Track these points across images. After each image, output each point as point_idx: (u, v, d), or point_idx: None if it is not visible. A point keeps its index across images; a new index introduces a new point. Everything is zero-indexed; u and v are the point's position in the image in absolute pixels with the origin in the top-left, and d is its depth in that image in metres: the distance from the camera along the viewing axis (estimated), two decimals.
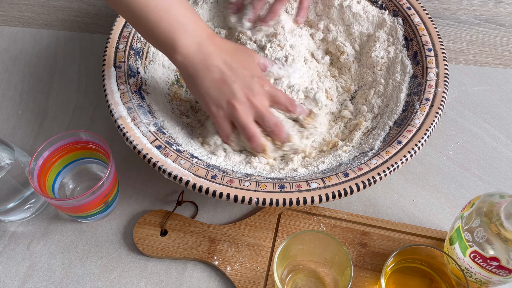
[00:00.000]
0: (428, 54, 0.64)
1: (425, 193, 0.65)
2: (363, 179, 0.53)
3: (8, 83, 0.76)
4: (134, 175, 0.66)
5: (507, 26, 0.82)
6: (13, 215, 0.61)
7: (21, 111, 0.73)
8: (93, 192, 0.55)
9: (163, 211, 0.62)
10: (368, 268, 0.58)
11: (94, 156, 0.61)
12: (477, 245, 0.48)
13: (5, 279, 0.58)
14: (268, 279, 0.57)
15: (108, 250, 0.60)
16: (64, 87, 0.75)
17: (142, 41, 0.67)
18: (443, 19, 0.83)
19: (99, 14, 0.85)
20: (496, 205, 0.48)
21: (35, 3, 0.86)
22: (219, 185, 0.53)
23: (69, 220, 0.63)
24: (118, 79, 0.62)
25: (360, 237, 0.60)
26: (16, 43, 0.81)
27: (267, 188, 0.53)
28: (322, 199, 0.52)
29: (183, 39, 0.55)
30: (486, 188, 0.65)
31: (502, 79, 0.76)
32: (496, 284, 0.51)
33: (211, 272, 0.59)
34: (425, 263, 0.55)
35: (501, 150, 0.69)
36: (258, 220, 0.61)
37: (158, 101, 0.63)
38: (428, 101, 0.60)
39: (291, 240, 0.52)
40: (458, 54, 0.79)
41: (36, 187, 0.55)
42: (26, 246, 0.61)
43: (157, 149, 0.56)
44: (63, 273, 0.59)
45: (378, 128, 0.61)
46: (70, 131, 0.59)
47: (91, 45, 0.80)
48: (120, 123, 0.58)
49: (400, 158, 0.55)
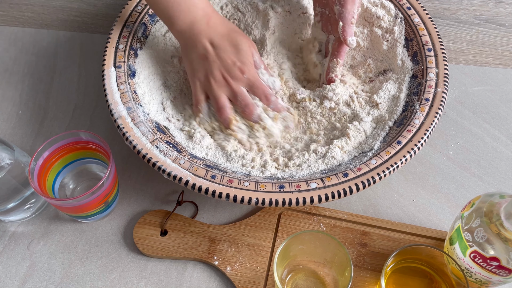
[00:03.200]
0: (428, 54, 0.64)
1: (425, 193, 0.65)
2: (363, 179, 0.53)
3: (8, 83, 0.76)
4: (134, 175, 0.66)
5: (507, 26, 0.82)
6: (13, 215, 0.61)
7: (21, 111, 0.73)
8: (93, 192, 0.55)
9: (163, 211, 0.62)
10: (368, 268, 0.58)
11: (94, 156, 0.61)
12: (477, 245, 0.48)
13: (5, 279, 0.58)
14: (268, 279, 0.57)
15: (108, 250, 0.60)
16: (64, 87, 0.75)
17: (142, 41, 0.67)
18: (443, 19, 0.83)
19: (99, 14, 0.85)
20: (496, 205, 0.48)
21: (35, 3, 0.86)
22: (218, 185, 0.53)
23: (69, 220, 0.63)
24: (118, 79, 0.62)
25: (360, 237, 0.60)
26: (16, 43, 0.81)
27: (266, 188, 0.53)
28: (322, 199, 0.52)
29: (178, 17, 0.61)
30: (486, 188, 0.65)
31: (502, 79, 0.76)
32: (496, 284, 0.51)
33: (211, 272, 0.59)
34: (425, 263, 0.55)
35: (501, 150, 0.69)
36: (258, 220, 0.61)
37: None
38: (428, 102, 0.60)
39: (291, 240, 0.52)
40: (458, 54, 0.79)
41: (36, 187, 0.55)
42: (26, 246, 0.61)
43: (156, 149, 0.56)
44: (63, 273, 0.59)
45: (378, 128, 0.61)
46: (70, 131, 0.59)
47: (91, 45, 0.80)
48: (120, 123, 0.58)
49: (400, 158, 0.55)
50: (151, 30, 0.69)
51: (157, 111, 0.62)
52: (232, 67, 0.60)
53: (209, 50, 0.60)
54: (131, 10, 0.68)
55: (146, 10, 0.69)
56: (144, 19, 0.69)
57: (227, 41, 0.61)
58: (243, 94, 0.60)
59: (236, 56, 0.60)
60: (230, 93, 0.60)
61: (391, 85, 0.64)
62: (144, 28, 0.68)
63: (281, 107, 0.62)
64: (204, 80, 0.61)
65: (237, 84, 0.60)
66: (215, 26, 0.61)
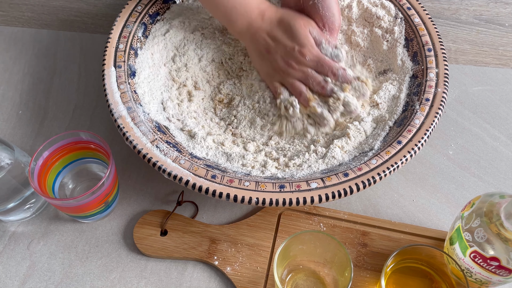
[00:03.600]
0: (428, 54, 0.64)
1: (425, 193, 0.65)
2: (363, 179, 0.53)
3: (8, 83, 0.76)
4: (134, 175, 0.66)
5: (507, 26, 0.82)
6: (13, 215, 0.61)
7: (21, 111, 0.73)
8: (93, 192, 0.54)
9: (163, 211, 0.62)
10: (368, 268, 0.58)
11: (94, 156, 0.61)
12: (477, 245, 0.48)
13: (5, 279, 0.58)
14: (268, 279, 0.57)
15: (108, 250, 0.60)
16: (64, 87, 0.75)
17: (142, 41, 0.67)
18: (443, 19, 0.83)
19: (99, 14, 0.85)
20: (496, 205, 0.48)
21: (35, 3, 0.86)
22: (218, 185, 0.53)
23: (69, 220, 0.63)
24: (118, 79, 0.62)
25: (360, 237, 0.60)
26: (16, 43, 0.81)
27: (267, 188, 0.53)
28: (322, 199, 0.52)
29: (235, 21, 0.64)
30: (486, 188, 0.65)
31: (502, 79, 0.76)
32: (496, 284, 0.51)
33: (211, 272, 0.59)
34: (425, 263, 0.55)
35: (501, 150, 0.69)
36: (258, 220, 0.61)
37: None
38: (428, 102, 0.60)
39: (291, 240, 0.52)
40: (458, 54, 0.79)
41: (36, 187, 0.55)
42: (26, 246, 0.61)
43: (157, 149, 0.56)
44: (63, 273, 0.59)
45: (378, 128, 0.61)
46: (70, 131, 0.59)
47: (91, 45, 0.80)
48: (120, 123, 0.58)
49: (400, 158, 0.55)
50: (151, 30, 0.69)
51: (157, 111, 0.62)
52: (292, 53, 0.62)
53: (269, 43, 0.63)
54: (131, 10, 0.68)
55: (146, 10, 0.69)
56: (144, 19, 0.69)
57: (282, 29, 0.62)
58: (311, 75, 0.61)
59: (293, 40, 0.62)
60: (300, 77, 0.62)
61: (391, 85, 0.64)
62: (144, 28, 0.68)
63: (350, 78, 0.62)
64: (274, 73, 0.64)
65: (302, 68, 0.62)
66: (269, 18, 0.63)
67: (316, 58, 0.62)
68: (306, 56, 0.61)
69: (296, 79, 0.62)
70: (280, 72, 0.63)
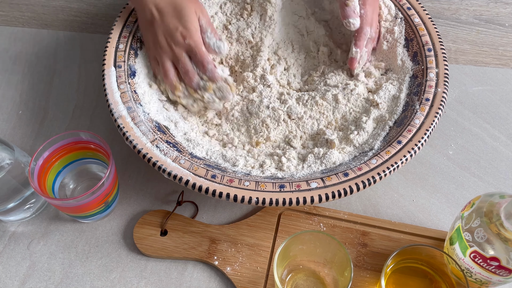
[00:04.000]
0: (428, 54, 0.64)
1: (425, 193, 0.65)
2: (363, 178, 0.53)
3: (8, 83, 0.76)
4: (134, 175, 0.66)
5: (507, 26, 0.82)
6: (13, 215, 0.61)
7: (21, 111, 0.73)
8: (93, 192, 0.54)
9: (163, 211, 0.62)
10: (368, 268, 0.58)
11: (94, 156, 0.61)
12: (477, 245, 0.48)
13: (5, 279, 0.58)
14: (268, 279, 0.57)
15: (108, 250, 0.60)
16: (64, 87, 0.75)
17: (142, 41, 0.67)
18: (443, 19, 0.83)
19: (99, 14, 0.85)
20: (496, 205, 0.48)
21: (35, 3, 0.86)
22: (218, 185, 0.53)
23: (69, 220, 0.63)
24: (118, 78, 0.62)
25: (360, 237, 0.60)
26: (16, 43, 0.81)
27: (267, 188, 0.53)
28: (322, 199, 0.52)
29: None
30: (486, 188, 0.65)
31: (502, 79, 0.76)
32: (496, 284, 0.51)
33: (211, 272, 0.59)
34: (425, 263, 0.55)
35: (501, 150, 0.69)
36: (258, 220, 0.61)
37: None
38: (428, 101, 0.60)
39: (291, 240, 0.52)
40: (458, 54, 0.79)
41: (36, 187, 0.55)
42: (26, 246, 0.61)
43: (157, 148, 0.56)
44: (63, 273, 0.59)
45: (378, 128, 0.61)
46: (70, 131, 0.59)
47: (91, 45, 0.80)
48: (120, 123, 0.58)
49: (400, 158, 0.55)
50: None
51: (157, 111, 0.62)
52: (174, 32, 0.60)
53: (154, 15, 0.62)
54: (131, 10, 0.68)
55: None
56: None
57: (172, 6, 0.61)
58: (183, 60, 0.61)
59: (180, 21, 0.61)
60: (173, 58, 0.61)
61: (391, 85, 0.64)
62: None
63: (217, 76, 0.61)
64: (152, 46, 0.63)
65: (179, 50, 0.61)
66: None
67: (194, 44, 0.60)
68: (186, 39, 0.60)
69: (169, 60, 0.61)
70: (157, 47, 0.62)
